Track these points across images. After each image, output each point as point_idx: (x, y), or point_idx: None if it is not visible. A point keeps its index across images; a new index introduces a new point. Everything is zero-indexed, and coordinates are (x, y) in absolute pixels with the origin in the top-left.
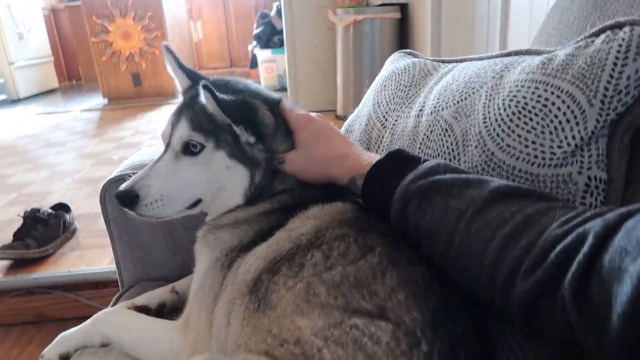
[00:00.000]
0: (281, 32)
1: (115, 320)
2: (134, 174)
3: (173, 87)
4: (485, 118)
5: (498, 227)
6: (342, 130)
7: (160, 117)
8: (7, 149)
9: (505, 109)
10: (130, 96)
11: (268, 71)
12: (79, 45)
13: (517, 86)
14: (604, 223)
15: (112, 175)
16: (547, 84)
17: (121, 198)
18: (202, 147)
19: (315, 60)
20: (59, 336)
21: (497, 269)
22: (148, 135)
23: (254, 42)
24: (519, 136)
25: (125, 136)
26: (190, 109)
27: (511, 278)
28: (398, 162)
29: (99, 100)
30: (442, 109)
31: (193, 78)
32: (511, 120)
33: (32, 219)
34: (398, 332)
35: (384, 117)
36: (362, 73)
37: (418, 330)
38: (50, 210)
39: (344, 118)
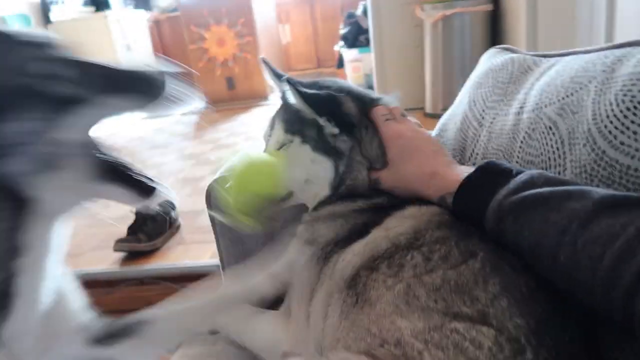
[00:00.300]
0: (367, 31)
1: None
2: None
3: (264, 90)
4: (595, 114)
5: (608, 242)
6: (436, 129)
7: (253, 119)
8: (121, 151)
9: (618, 104)
10: (225, 99)
11: (355, 70)
12: (178, 53)
13: (631, 80)
14: None
15: (218, 175)
16: None
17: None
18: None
19: (403, 58)
20: None
21: (612, 286)
22: (242, 136)
23: (341, 42)
24: (634, 133)
25: (221, 137)
26: (282, 111)
27: (631, 296)
28: (489, 175)
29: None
30: (545, 106)
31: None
32: (625, 117)
33: (143, 215)
34: (501, 338)
35: (480, 115)
36: (452, 70)
37: (522, 337)
38: (158, 208)
39: (433, 116)
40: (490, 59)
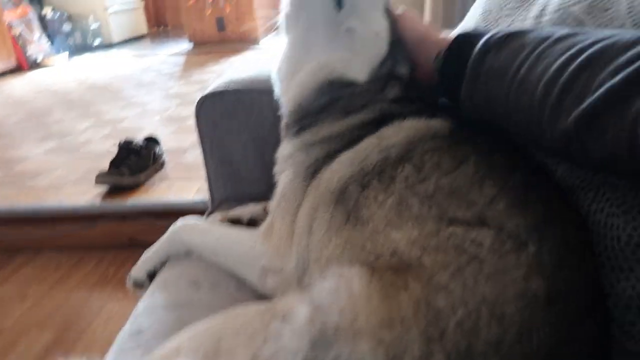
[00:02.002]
0: None
1: (194, 227)
2: (228, 89)
3: (256, 33)
4: (630, 7)
5: (566, 50)
6: None
7: (243, 62)
8: (104, 88)
9: None
10: (214, 40)
11: None
12: None
13: None
14: None
15: (207, 91)
16: None
17: None
18: None
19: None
20: (143, 255)
21: (553, 84)
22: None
23: None
24: None
25: (209, 79)
26: None
27: (561, 100)
28: (476, 33)
29: (184, 45)
30: (572, 5)
31: None
32: None
33: (126, 149)
34: (501, 235)
35: (495, 23)
36: (453, 11)
37: (523, 233)
38: (142, 142)
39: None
40: None
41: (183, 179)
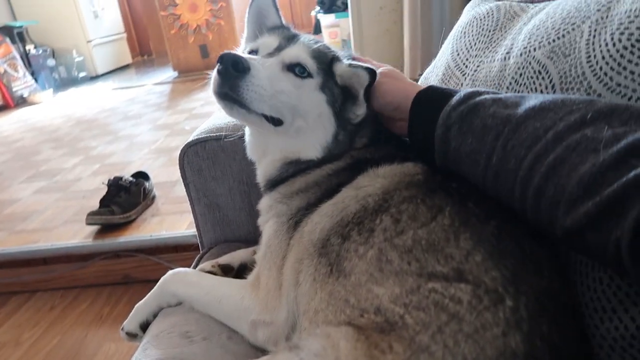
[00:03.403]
0: None
1: (184, 279)
2: (210, 136)
3: None
4: (589, 56)
5: (531, 144)
6: (419, 83)
7: None
8: (90, 123)
9: (614, 44)
10: (199, 68)
11: (332, 36)
12: (149, 20)
13: (629, 17)
14: None
15: (190, 140)
16: None
17: (234, 62)
18: (310, 76)
19: (381, 22)
20: (134, 308)
21: (527, 186)
22: (217, 105)
23: (317, 7)
24: (632, 73)
25: (196, 107)
26: (306, 41)
27: (537, 196)
28: (436, 94)
29: (169, 73)
30: (534, 50)
31: (283, 24)
32: (622, 56)
33: (116, 186)
34: (479, 291)
35: (463, 64)
36: (431, 33)
37: (500, 287)
38: (131, 179)
39: (412, 80)
40: (474, 8)
41: (174, 212)
